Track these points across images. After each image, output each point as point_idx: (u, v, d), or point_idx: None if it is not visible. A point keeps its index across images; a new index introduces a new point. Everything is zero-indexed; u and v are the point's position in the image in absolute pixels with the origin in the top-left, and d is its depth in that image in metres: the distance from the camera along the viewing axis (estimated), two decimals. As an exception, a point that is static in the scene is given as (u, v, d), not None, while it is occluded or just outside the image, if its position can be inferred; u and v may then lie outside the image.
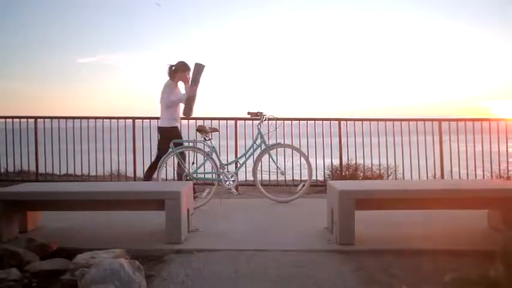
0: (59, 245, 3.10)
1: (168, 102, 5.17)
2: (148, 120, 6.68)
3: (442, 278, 1.99)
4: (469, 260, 2.88)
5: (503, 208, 3.54)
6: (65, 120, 6.77)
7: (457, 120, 6.60)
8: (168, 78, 5.24)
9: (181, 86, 5.32)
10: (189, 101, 5.12)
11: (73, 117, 6.80)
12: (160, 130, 5.29)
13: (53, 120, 6.81)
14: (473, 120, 6.57)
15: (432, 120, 6.61)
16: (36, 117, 6.80)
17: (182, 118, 5.51)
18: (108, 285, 2.05)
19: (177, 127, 5.31)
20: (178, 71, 5.22)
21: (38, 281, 2.54)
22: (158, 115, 6.64)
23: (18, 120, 6.83)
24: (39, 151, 6.75)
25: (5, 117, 6.81)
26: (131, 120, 6.70)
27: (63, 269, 2.64)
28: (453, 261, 2.87)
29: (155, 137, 6.59)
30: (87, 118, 6.76)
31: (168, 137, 5.07)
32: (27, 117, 6.82)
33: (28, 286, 2.48)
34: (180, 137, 5.23)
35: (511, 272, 1.60)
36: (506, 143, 6.45)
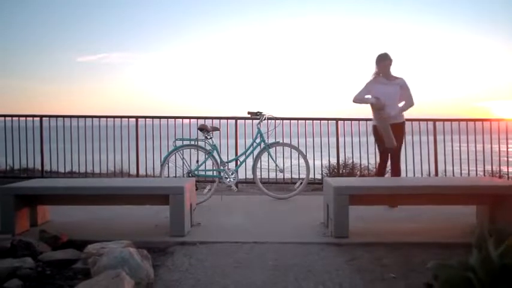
0: (69, 238, 3.28)
1: (353, 98, 4.95)
2: (151, 119, 6.85)
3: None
4: (457, 252, 3.05)
5: (490, 204, 3.70)
6: (69, 118, 6.93)
7: (451, 120, 6.74)
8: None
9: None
10: (383, 131, 4.75)
11: (77, 116, 6.97)
12: None
13: (58, 118, 6.97)
14: (467, 120, 6.70)
15: (427, 120, 6.76)
16: (41, 116, 6.98)
17: None
18: (119, 270, 2.23)
19: (374, 126, 4.93)
20: (376, 63, 4.87)
21: (52, 269, 2.71)
22: (160, 114, 6.85)
23: (24, 118, 7.01)
24: (45, 149, 6.93)
25: (12, 116, 6.99)
26: (134, 119, 6.86)
27: (75, 258, 2.82)
28: (441, 253, 3.05)
29: (157, 136, 6.78)
30: (91, 117, 6.94)
31: (374, 136, 4.99)
32: (33, 116, 7.01)
33: (42, 274, 2.64)
34: (378, 137, 4.88)
35: (484, 257, 1.78)
36: (499, 142, 6.60)
